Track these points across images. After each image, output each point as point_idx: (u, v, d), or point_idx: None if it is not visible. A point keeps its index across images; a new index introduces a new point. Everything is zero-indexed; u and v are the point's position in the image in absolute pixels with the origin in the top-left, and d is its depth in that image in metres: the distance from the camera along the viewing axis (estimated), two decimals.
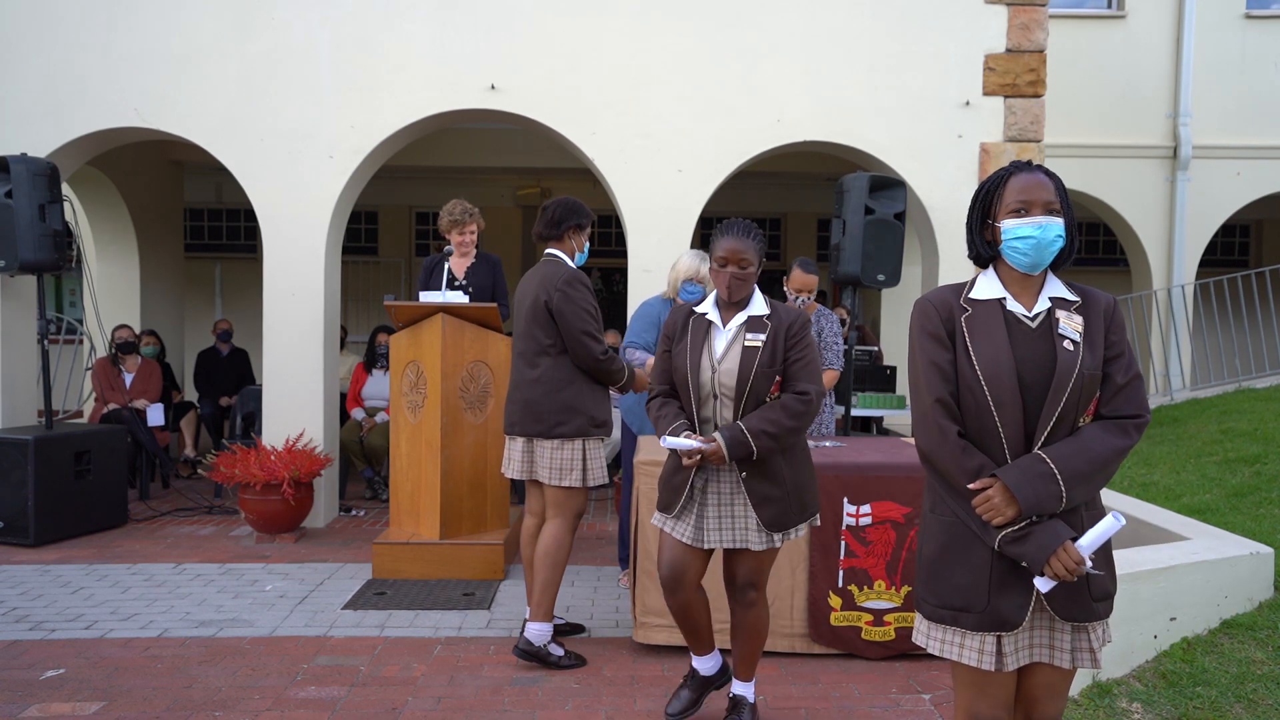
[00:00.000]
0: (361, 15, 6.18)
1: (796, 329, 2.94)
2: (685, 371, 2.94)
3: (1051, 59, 7.15)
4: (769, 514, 2.91)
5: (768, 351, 2.89)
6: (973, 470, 1.99)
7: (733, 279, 2.93)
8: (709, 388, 2.92)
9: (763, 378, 2.88)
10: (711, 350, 2.95)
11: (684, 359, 2.95)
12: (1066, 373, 1.94)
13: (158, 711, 3.30)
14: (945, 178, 6.28)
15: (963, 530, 2.03)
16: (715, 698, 3.40)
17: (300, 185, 6.21)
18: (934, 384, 2.03)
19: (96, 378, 7.33)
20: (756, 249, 2.96)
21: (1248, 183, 9.36)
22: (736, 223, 2.97)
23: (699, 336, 2.98)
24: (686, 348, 2.97)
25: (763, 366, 2.88)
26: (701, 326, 3.00)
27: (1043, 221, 2.00)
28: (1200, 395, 8.71)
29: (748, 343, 2.90)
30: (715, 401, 2.93)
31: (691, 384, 2.93)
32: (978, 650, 2.01)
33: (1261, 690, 3.27)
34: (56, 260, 5.74)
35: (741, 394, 2.88)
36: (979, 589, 2.00)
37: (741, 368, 2.88)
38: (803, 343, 2.94)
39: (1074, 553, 1.90)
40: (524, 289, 3.85)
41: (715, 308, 3.03)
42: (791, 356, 2.91)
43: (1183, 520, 4.33)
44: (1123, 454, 1.97)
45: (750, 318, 2.97)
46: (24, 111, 6.16)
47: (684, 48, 6.23)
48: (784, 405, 2.87)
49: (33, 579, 4.93)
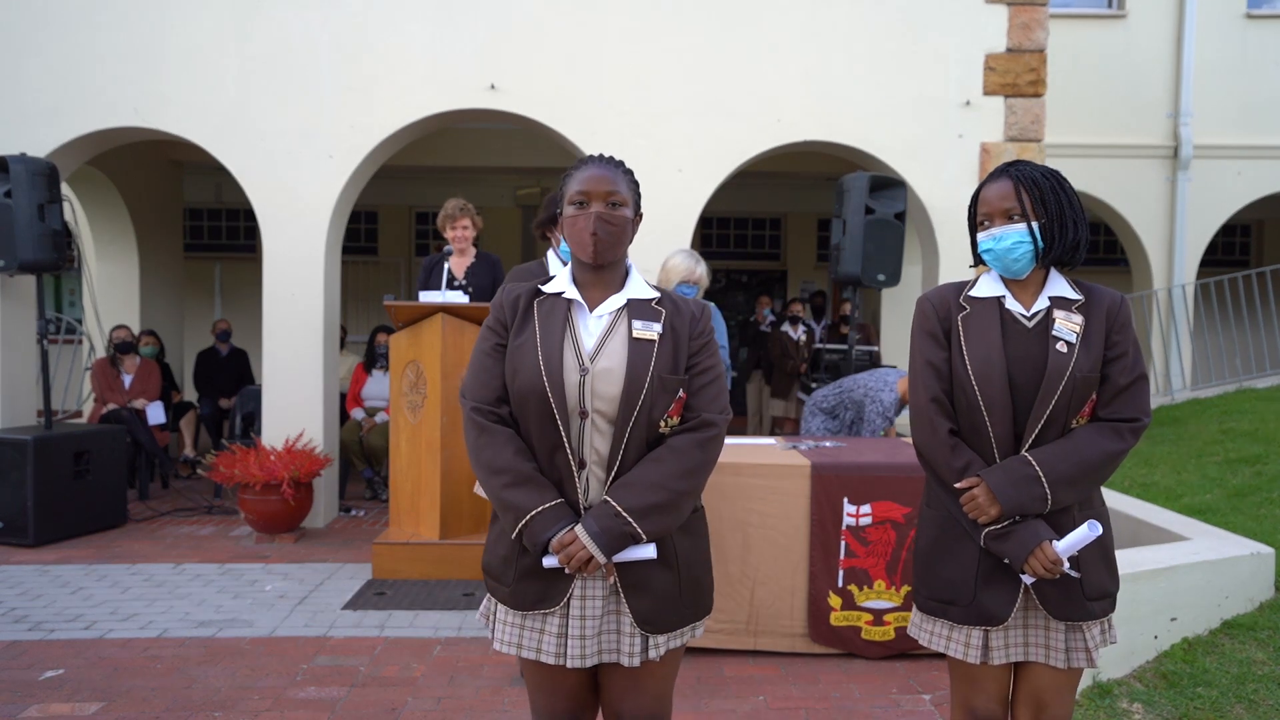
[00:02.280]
0: (361, 15, 6.18)
1: (701, 325, 1.98)
2: (534, 374, 1.86)
3: (1052, 59, 7.14)
4: (644, 608, 1.90)
5: (667, 350, 1.90)
6: (960, 469, 2.01)
7: (599, 222, 1.91)
8: (575, 400, 1.87)
9: (661, 390, 1.88)
10: (577, 343, 1.91)
11: (531, 355, 1.88)
12: (1057, 374, 1.94)
13: (157, 712, 3.30)
14: (945, 178, 6.27)
15: (954, 525, 2.06)
16: (715, 698, 3.40)
17: (300, 185, 6.21)
18: (929, 382, 2.06)
19: (95, 378, 7.33)
20: (629, 186, 2.00)
21: (1248, 182, 9.36)
22: (600, 156, 2.05)
23: (554, 323, 1.92)
24: (534, 339, 1.90)
25: (661, 371, 1.88)
26: (556, 310, 1.95)
27: (998, 233, 2.00)
28: (1201, 395, 8.71)
29: (637, 334, 1.90)
30: (583, 424, 1.88)
31: (550, 393, 1.85)
32: (964, 643, 2.04)
33: (1262, 691, 3.26)
34: (56, 260, 5.74)
35: (628, 414, 1.85)
36: (966, 583, 2.03)
37: (630, 371, 1.86)
38: (709, 347, 1.97)
39: (1050, 552, 1.93)
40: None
41: (573, 284, 1.99)
42: (696, 365, 1.94)
43: (1183, 520, 4.32)
44: (1115, 457, 1.97)
45: (633, 301, 1.97)
46: (24, 111, 6.16)
47: (684, 48, 6.23)
48: (679, 451, 1.87)
49: (32, 579, 4.93)
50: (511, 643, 1.92)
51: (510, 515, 1.86)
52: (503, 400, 1.93)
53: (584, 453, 1.88)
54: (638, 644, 1.89)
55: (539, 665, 1.93)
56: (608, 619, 1.89)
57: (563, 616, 1.88)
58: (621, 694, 1.96)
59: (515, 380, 1.89)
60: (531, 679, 1.98)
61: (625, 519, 1.80)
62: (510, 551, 1.91)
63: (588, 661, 1.87)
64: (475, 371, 1.96)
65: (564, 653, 1.88)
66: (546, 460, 1.89)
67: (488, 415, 1.90)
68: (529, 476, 1.86)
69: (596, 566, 1.82)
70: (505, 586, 1.93)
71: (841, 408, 5.07)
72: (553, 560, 1.83)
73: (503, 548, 1.93)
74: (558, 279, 2.02)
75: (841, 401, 5.07)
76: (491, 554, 1.97)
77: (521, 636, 1.91)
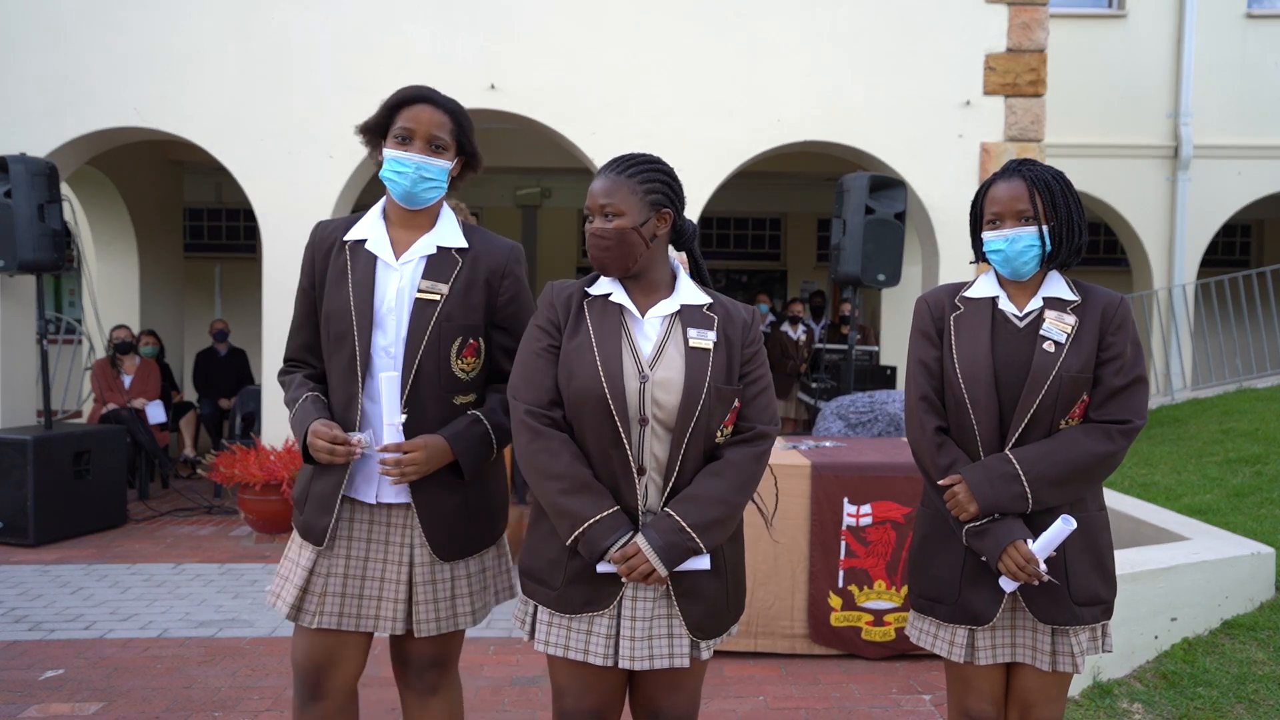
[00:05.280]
0: (361, 15, 6.18)
1: (754, 332, 1.97)
2: (592, 379, 1.82)
3: (1052, 59, 7.14)
4: (697, 614, 1.90)
5: (722, 360, 1.88)
6: (945, 466, 2.03)
7: (591, 239, 1.89)
8: (635, 407, 1.83)
9: (719, 400, 1.86)
10: (634, 348, 1.88)
11: (588, 359, 1.84)
12: (1041, 374, 1.94)
13: (157, 712, 3.30)
14: (945, 178, 6.27)
15: (942, 524, 2.07)
16: (715, 698, 3.40)
17: (300, 185, 6.21)
18: (919, 381, 2.08)
19: (95, 378, 7.33)
20: (635, 189, 1.88)
21: (1248, 182, 9.36)
22: (616, 159, 1.94)
23: (609, 327, 1.88)
24: (590, 341, 1.86)
25: (718, 382, 1.86)
26: (609, 313, 1.90)
27: (1010, 234, 1.99)
28: (1201, 395, 8.70)
29: (694, 343, 1.88)
30: (643, 430, 1.84)
31: (610, 399, 1.81)
32: (949, 642, 2.05)
33: (1262, 691, 3.26)
34: (56, 260, 5.73)
35: (686, 423, 1.83)
36: (952, 582, 2.04)
37: (688, 381, 1.83)
38: (760, 355, 1.96)
39: (1024, 551, 1.92)
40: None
41: (620, 287, 1.94)
42: (749, 374, 1.93)
43: (1183, 520, 4.32)
44: (1104, 459, 1.94)
45: (685, 307, 1.93)
46: (24, 111, 6.16)
47: (684, 48, 6.23)
48: (737, 466, 1.87)
49: (32, 579, 4.93)
50: (559, 644, 1.89)
51: (566, 522, 1.82)
52: (556, 403, 1.87)
53: (643, 459, 1.85)
54: (687, 647, 1.88)
55: (578, 666, 1.90)
56: (658, 622, 1.88)
57: (612, 618, 1.87)
58: (661, 693, 1.95)
59: (571, 383, 1.84)
60: (566, 679, 1.94)
61: (689, 534, 1.80)
62: (559, 555, 1.88)
63: (638, 665, 1.85)
64: (526, 373, 1.90)
65: (613, 654, 1.86)
66: (602, 465, 1.85)
67: (541, 419, 1.85)
68: (586, 483, 1.82)
69: (657, 579, 1.80)
70: (551, 590, 1.89)
71: (873, 420, 5.05)
72: (607, 566, 1.82)
73: (550, 551, 1.90)
74: (603, 281, 1.94)
75: (874, 414, 5.05)
76: (536, 557, 1.93)
77: (569, 638, 1.88)
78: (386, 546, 2.05)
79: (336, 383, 2.06)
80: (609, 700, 1.95)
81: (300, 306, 2.17)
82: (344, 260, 2.07)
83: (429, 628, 2.05)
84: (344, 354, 2.03)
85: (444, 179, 2.09)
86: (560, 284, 1.97)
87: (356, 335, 2.00)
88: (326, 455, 1.95)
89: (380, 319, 2.02)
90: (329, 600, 2.03)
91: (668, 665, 1.87)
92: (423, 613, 2.04)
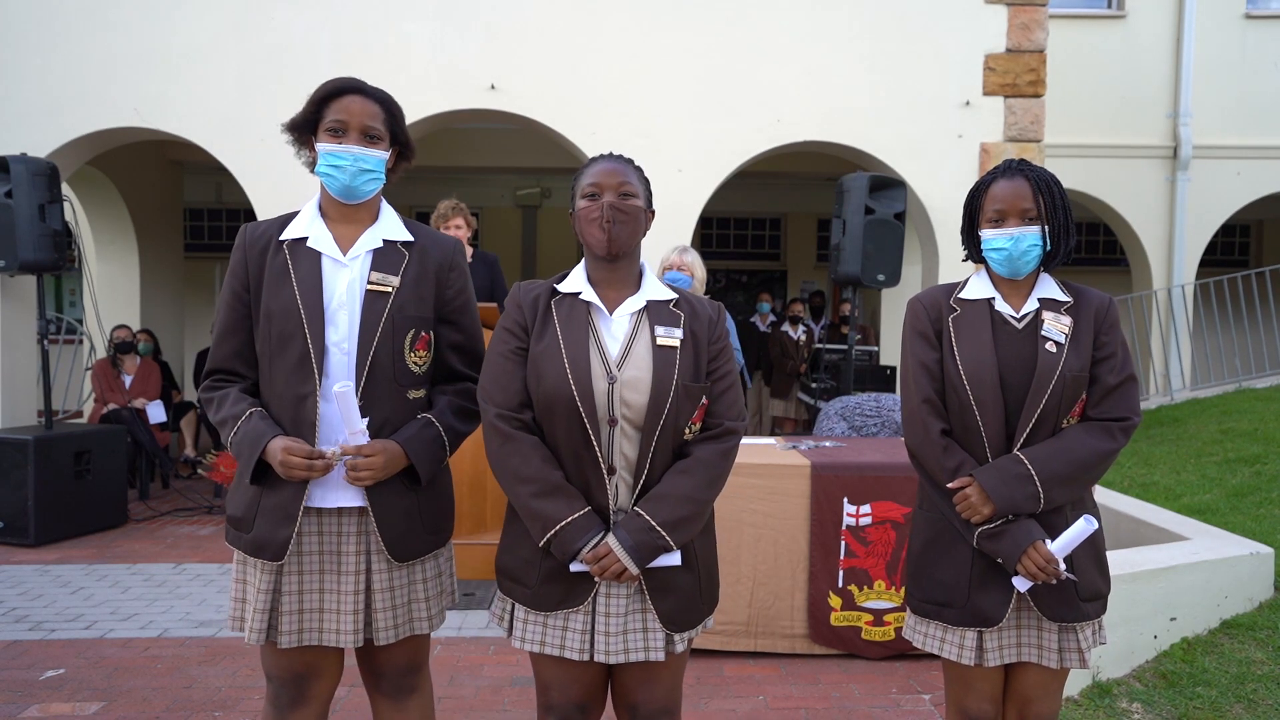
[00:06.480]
0: (361, 15, 6.19)
1: (720, 329, 1.98)
2: (560, 381, 1.83)
3: (1051, 59, 7.14)
4: (668, 608, 1.92)
5: (689, 357, 1.90)
6: (952, 469, 2.02)
7: (612, 210, 1.89)
8: (604, 408, 1.85)
9: (686, 398, 1.88)
10: (602, 348, 1.89)
11: (556, 361, 1.85)
12: (1047, 374, 1.95)
13: (158, 711, 3.30)
14: (945, 178, 6.28)
15: (947, 527, 2.07)
16: (715, 698, 3.40)
17: (300, 185, 6.20)
18: (921, 383, 2.07)
19: (96, 378, 7.34)
20: (640, 180, 1.98)
21: (1248, 183, 9.37)
22: (605, 154, 2.04)
23: (577, 327, 1.89)
24: (558, 343, 1.87)
25: (686, 380, 1.88)
26: (576, 312, 1.91)
27: (1015, 232, 2.00)
28: (1200, 395, 8.71)
29: (661, 340, 1.89)
30: (612, 431, 1.86)
31: (579, 401, 1.82)
32: (958, 645, 2.05)
33: (1261, 690, 3.27)
34: (56, 260, 5.74)
35: (655, 423, 1.85)
36: (960, 585, 2.03)
37: (656, 379, 1.85)
38: (725, 351, 1.97)
39: (1044, 552, 1.93)
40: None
41: (588, 284, 1.96)
42: (715, 371, 1.94)
43: (1183, 520, 4.32)
44: (1106, 456, 1.98)
45: (652, 303, 1.95)
46: (24, 111, 6.17)
47: (684, 48, 6.23)
48: (705, 463, 1.89)
49: (32, 579, 4.93)
50: (535, 641, 1.92)
51: (538, 524, 1.84)
52: (525, 405, 1.89)
53: (613, 459, 1.87)
54: (661, 640, 1.91)
55: (558, 661, 1.93)
56: (631, 617, 1.90)
57: (587, 614, 1.89)
58: (637, 686, 1.97)
59: (540, 386, 1.86)
60: (547, 674, 1.97)
61: (659, 532, 1.83)
62: (533, 555, 1.90)
63: (613, 658, 1.88)
64: (495, 375, 1.91)
65: (589, 648, 1.88)
66: (572, 466, 1.87)
67: (511, 422, 1.87)
68: (557, 485, 1.84)
69: (629, 578, 1.83)
70: (526, 588, 1.92)
71: (881, 426, 5.04)
72: (580, 566, 1.84)
73: (524, 550, 1.92)
74: (572, 278, 1.96)
75: (882, 420, 5.04)
76: (511, 556, 1.96)
77: (545, 634, 1.91)
78: (339, 557, 1.98)
79: (283, 386, 1.96)
80: (591, 693, 1.98)
81: (231, 311, 2.04)
82: (283, 260, 1.99)
83: (388, 635, 2.00)
84: (291, 354, 1.94)
85: (382, 170, 2.04)
86: (528, 284, 1.98)
87: (308, 331, 1.92)
88: (303, 473, 1.88)
89: (331, 315, 1.95)
90: (301, 617, 1.98)
91: (642, 658, 1.90)
92: (381, 620, 1.99)
